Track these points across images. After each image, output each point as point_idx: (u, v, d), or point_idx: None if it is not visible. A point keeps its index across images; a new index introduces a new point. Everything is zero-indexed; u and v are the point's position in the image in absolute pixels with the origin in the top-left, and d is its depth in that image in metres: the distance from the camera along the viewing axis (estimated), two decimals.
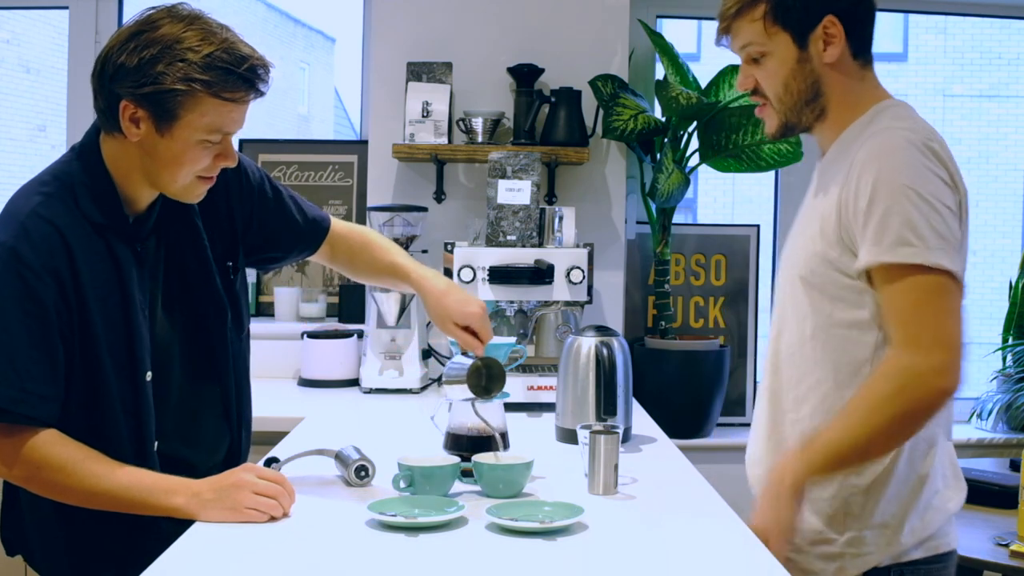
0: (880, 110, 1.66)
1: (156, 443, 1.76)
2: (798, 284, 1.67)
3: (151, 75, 1.58)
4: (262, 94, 1.67)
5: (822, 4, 1.63)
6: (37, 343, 1.61)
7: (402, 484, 1.73)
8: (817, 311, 1.64)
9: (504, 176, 2.77)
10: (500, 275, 2.67)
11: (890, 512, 1.62)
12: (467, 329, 1.92)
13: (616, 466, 1.82)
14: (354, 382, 3.09)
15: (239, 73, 1.62)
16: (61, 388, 1.65)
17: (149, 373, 1.74)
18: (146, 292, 1.75)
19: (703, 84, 3.25)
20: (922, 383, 1.51)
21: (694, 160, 3.28)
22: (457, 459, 1.80)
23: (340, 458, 1.86)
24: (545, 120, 3.17)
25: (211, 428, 1.89)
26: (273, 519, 1.61)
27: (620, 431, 1.86)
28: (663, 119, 3.19)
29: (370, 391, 2.96)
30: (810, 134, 1.75)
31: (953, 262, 1.52)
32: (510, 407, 2.19)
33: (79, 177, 1.69)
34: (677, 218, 3.32)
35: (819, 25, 1.63)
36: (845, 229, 1.59)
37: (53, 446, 1.63)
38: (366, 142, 3.39)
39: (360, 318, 3.27)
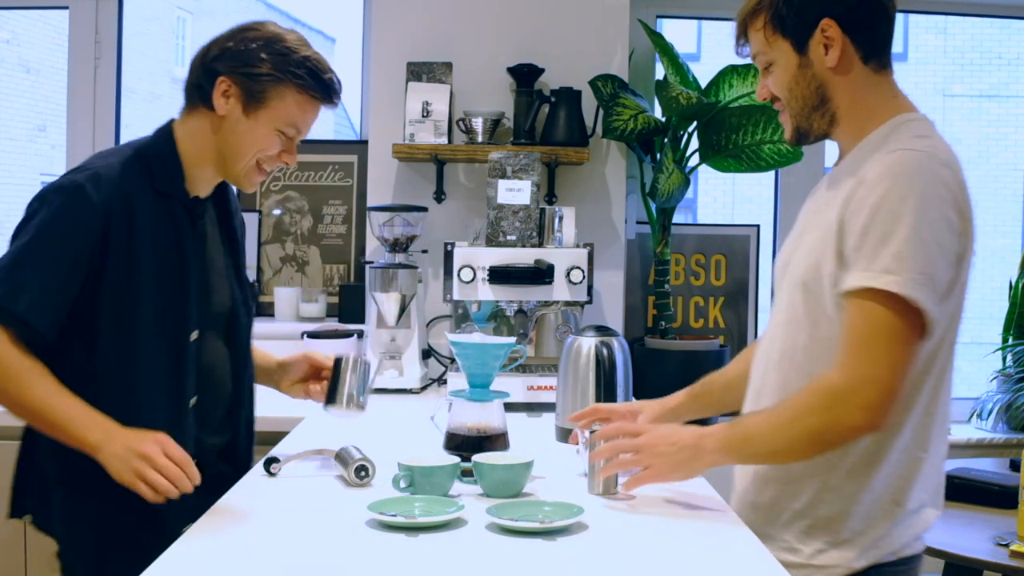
0: (900, 123, 1.61)
1: (194, 399, 1.88)
2: (798, 291, 1.64)
3: (252, 59, 1.81)
4: (335, 106, 1.91)
5: (817, 8, 1.59)
6: (60, 264, 1.75)
7: (402, 484, 1.73)
8: (813, 322, 1.62)
9: (504, 176, 2.77)
10: (500, 275, 2.67)
11: (857, 529, 1.60)
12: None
13: None
14: None
15: (324, 80, 1.86)
16: (61, 312, 1.76)
17: (195, 332, 1.88)
18: (197, 260, 1.90)
19: (703, 84, 3.25)
20: (842, 412, 1.50)
21: (694, 160, 3.28)
22: (457, 459, 1.80)
23: (340, 458, 1.86)
24: (545, 120, 3.17)
25: (218, 413, 1.99)
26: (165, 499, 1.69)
27: None
28: (663, 119, 3.19)
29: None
30: (831, 139, 1.70)
31: (929, 300, 1.48)
32: (510, 407, 2.19)
33: (153, 150, 1.88)
34: (677, 218, 3.32)
35: (816, 29, 1.60)
36: (843, 244, 1.56)
37: (8, 348, 1.73)
38: (366, 142, 3.39)
39: (360, 318, 3.27)
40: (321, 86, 1.86)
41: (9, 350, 1.73)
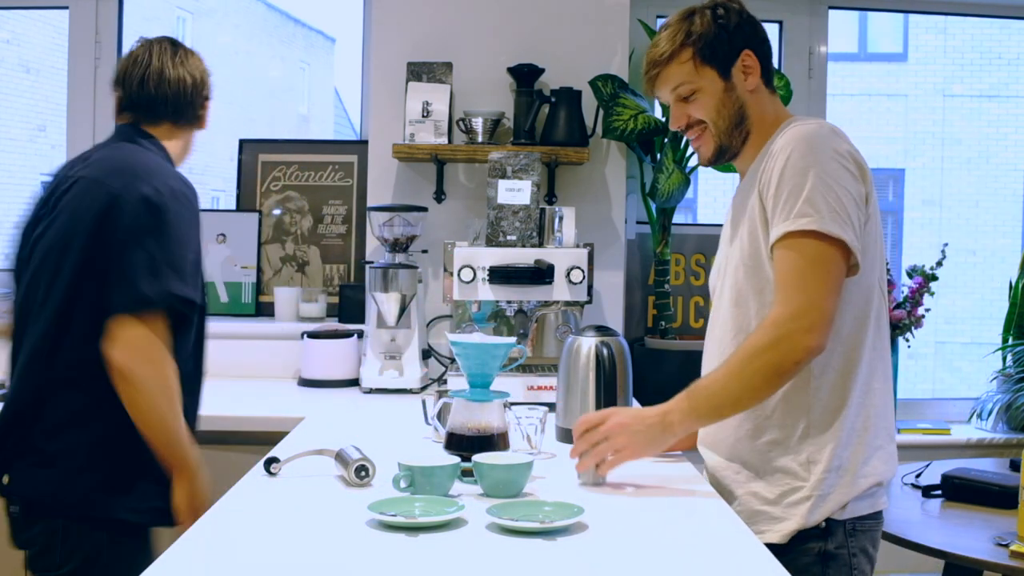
0: (789, 122, 1.90)
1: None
2: (740, 272, 1.87)
3: (209, 84, 2.28)
4: None
5: (741, 41, 1.92)
6: (197, 260, 2.08)
7: (402, 484, 1.73)
8: (758, 291, 1.84)
9: (504, 176, 2.77)
10: (500, 275, 2.67)
11: (845, 456, 1.81)
12: None
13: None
14: (354, 382, 3.09)
15: None
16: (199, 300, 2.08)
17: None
18: None
19: None
20: (792, 339, 1.71)
21: (694, 160, 3.28)
22: (457, 459, 1.80)
23: (340, 458, 1.86)
24: (545, 120, 3.17)
25: None
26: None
27: None
28: (663, 119, 3.19)
29: (370, 391, 2.96)
30: (736, 160, 1.97)
31: (845, 232, 1.72)
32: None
33: (162, 157, 2.17)
34: (677, 218, 3.32)
35: (739, 59, 1.91)
36: (764, 212, 1.81)
37: (174, 373, 1.99)
38: (366, 142, 3.39)
39: (360, 318, 3.27)
40: None
41: (174, 375, 1.98)
